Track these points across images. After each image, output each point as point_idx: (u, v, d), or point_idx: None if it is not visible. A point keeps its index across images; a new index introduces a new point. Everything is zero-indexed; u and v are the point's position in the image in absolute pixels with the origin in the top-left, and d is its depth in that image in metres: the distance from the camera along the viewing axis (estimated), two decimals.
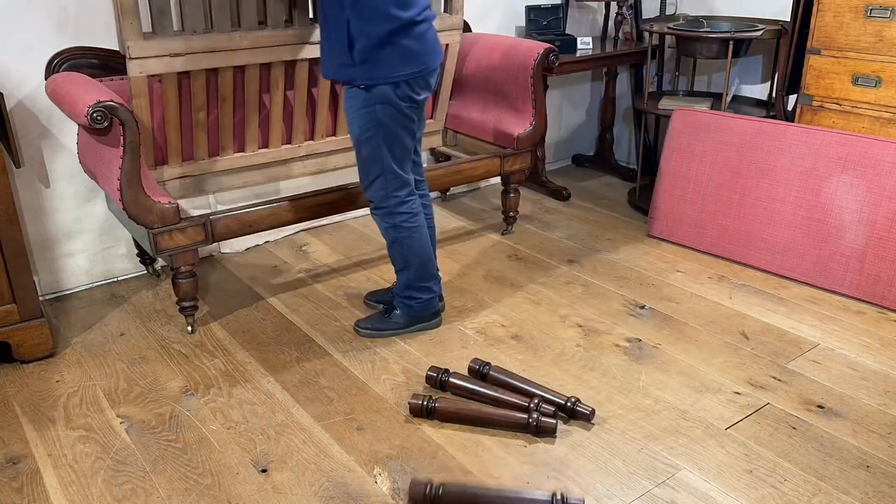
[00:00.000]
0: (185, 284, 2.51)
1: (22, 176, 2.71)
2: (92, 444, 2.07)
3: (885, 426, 2.09)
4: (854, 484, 1.88)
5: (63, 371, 2.42)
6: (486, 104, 3.27)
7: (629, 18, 3.94)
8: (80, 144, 2.60)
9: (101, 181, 2.46)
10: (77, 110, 2.16)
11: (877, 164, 2.70)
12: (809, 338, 2.53)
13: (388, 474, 1.93)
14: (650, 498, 1.84)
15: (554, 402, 2.14)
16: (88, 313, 2.78)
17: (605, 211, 3.67)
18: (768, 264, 2.97)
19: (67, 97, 2.27)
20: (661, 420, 2.13)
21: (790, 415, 2.14)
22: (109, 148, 2.28)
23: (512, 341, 2.53)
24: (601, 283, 2.93)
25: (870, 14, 2.73)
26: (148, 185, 2.35)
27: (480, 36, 3.33)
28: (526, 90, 3.07)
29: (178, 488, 1.90)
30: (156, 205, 2.33)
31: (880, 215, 2.68)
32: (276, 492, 1.88)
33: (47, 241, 2.82)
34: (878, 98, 2.78)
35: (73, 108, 2.21)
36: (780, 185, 2.91)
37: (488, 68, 3.19)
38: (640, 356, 2.44)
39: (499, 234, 3.38)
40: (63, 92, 2.32)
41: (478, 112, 3.29)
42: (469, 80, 3.31)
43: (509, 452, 2.01)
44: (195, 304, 2.58)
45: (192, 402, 2.24)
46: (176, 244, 2.42)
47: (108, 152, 2.30)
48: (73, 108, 2.20)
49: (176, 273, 2.48)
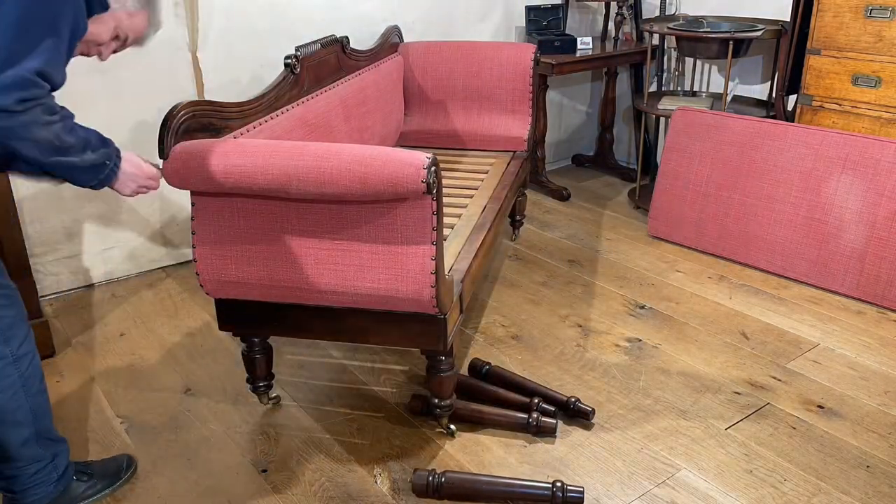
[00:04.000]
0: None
1: None
2: (92, 444, 2.07)
3: (885, 426, 2.09)
4: (854, 484, 1.88)
5: (63, 371, 2.42)
6: (467, 112, 3.15)
7: (629, 18, 3.95)
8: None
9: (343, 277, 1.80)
10: (394, 175, 1.57)
11: (877, 164, 2.70)
12: (809, 338, 2.53)
13: (388, 474, 1.93)
14: (650, 498, 1.84)
15: (554, 401, 2.14)
16: (88, 313, 2.78)
17: (605, 211, 3.67)
18: (768, 264, 2.97)
19: (346, 164, 1.60)
20: (661, 420, 2.13)
21: (790, 415, 2.14)
22: (392, 227, 1.72)
23: (512, 341, 2.53)
24: (601, 283, 2.93)
25: (870, 14, 2.73)
26: None
27: (425, 44, 3.18)
28: (524, 92, 3.05)
29: (178, 488, 1.90)
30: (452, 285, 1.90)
31: (880, 215, 2.68)
32: (276, 492, 1.88)
33: (47, 241, 2.82)
34: (878, 98, 2.78)
35: (376, 175, 1.58)
36: (780, 185, 2.91)
37: (465, 75, 3.10)
38: (640, 356, 2.44)
39: (506, 239, 3.35)
40: (312, 164, 1.62)
41: (460, 122, 3.16)
42: (431, 91, 3.16)
43: (509, 452, 2.01)
44: None
45: (192, 402, 2.24)
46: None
47: (394, 233, 1.72)
48: (380, 175, 1.58)
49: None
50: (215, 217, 1.81)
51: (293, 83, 2.31)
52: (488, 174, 2.85)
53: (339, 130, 2.53)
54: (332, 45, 2.59)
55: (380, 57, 3.01)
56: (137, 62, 2.82)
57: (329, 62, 2.57)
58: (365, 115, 2.74)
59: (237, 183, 1.65)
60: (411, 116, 3.24)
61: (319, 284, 1.79)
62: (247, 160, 1.64)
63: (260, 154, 1.65)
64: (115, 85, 2.80)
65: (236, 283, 1.86)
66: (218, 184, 1.67)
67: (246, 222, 1.80)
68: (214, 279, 1.86)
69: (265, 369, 2.13)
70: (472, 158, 3.06)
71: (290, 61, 2.29)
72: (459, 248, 2.22)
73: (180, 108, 1.79)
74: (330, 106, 2.48)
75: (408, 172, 1.58)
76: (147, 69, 2.85)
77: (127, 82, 2.82)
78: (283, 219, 1.77)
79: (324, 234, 1.76)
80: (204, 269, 1.86)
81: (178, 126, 1.77)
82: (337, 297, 1.82)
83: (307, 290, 1.82)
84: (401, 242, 1.72)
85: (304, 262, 1.79)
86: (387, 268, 1.74)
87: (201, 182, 1.69)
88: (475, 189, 2.69)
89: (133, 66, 2.82)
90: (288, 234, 1.78)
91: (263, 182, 1.63)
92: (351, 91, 2.65)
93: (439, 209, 1.69)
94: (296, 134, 2.23)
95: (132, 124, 2.87)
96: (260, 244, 1.80)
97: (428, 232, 1.70)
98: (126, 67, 2.80)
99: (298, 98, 2.34)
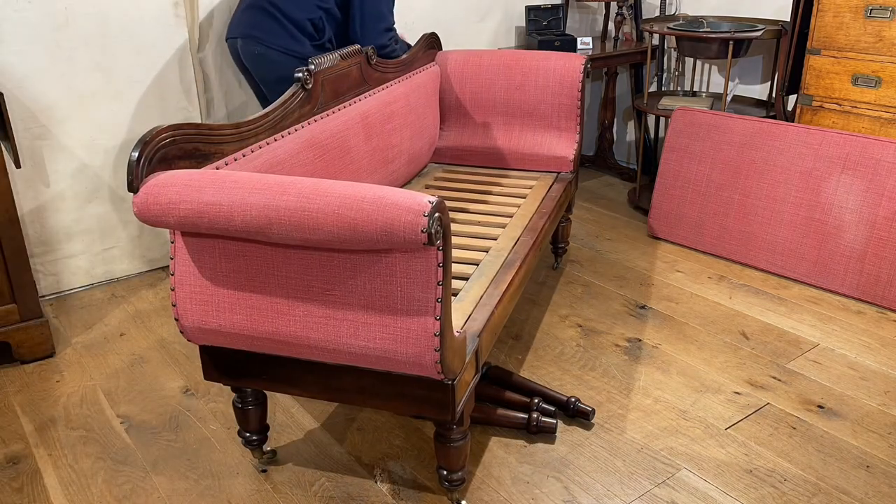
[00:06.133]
0: None
1: (22, 176, 2.71)
2: (92, 444, 2.07)
3: (885, 426, 2.09)
4: (854, 484, 1.88)
5: (63, 371, 2.42)
6: (508, 128, 2.91)
7: (629, 18, 3.95)
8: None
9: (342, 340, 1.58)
10: (390, 223, 1.34)
11: (877, 164, 2.70)
12: (809, 338, 2.53)
13: (388, 474, 1.93)
14: (650, 498, 1.84)
15: (554, 401, 2.14)
16: (88, 313, 2.78)
17: (605, 211, 3.67)
18: (768, 264, 2.97)
19: (337, 206, 1.38)
20: (661, 420, 2.13)
21: (790, 415, 2.14)
22: (392, 277, 1.49)
23: (512, 341, 2.53)
24: (601, 283, 2.93)
25: (870, 14, 2.73)
26: None
27: (465, 53, 2.96)
28: (571, 107, 2.80)
29: (178, 488, 1.90)
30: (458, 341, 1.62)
31: (880, 215, 2.68)
32: (276, 492, 1.88)
33: (47, 241, 2.82)
34: (878, 98, 2.78)
35: (368, 222, 1.35)
36: (780, 185, 2.92)
37: (506, 87, 2.87)
38: (639, 356, 2.44)
39: (548, 269, 3.05)
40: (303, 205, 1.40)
41: (500, 138, 2.92)
42: (469, 104, 2.94)
43: (509, 452, 2.01)
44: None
45: (192, 402, 2.24)
46: (466, 384, 1.71)
47: (393, 285, 1.49)
48: (373, 222, 1.35)
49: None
50: (196, 257, 1.60)
51: (304, 100, 2.06)
52: (526, 199, 2.60)
53: (356, 151, 2.28)
54: (355, 57, 2.35)
55: (413, 67, 2.79)
56: (138, 62, 2.83)
57: (350, 75, 2.33)
58: (391, 133, 2.51)
59: (212, 223, 1.43)
60: (447, 131, 3.00)
61: (309, 339, 1.57)
62: (223, 197, 1.41)
63: (238, 190, 1.41)
64: (115, 85, 2.80)
65: (218, 331, 1.64)
66: (192, 224, 1.44)
67: (228, 265, 1.58)
68: (194, 326, 1.66)
69: (258, 422, 1.89)
70: (511, 179, 2.80)
71: (300, 75, 2.04)
72: (482, 292, 1.95)
73: (158, 133, 1.54)
74: (348, 124, 2.23)
75: (405, 220, 1.32)
76: (147, 69, 2.85)
77: (127, 82, 2.82)
78: (269, 264, 1.55)
79: (313, 282, 1.53)
80: (183, 315, 1.65)
81: (152, 154, 1.52)
82: (329, 355, 1.59)
83: (296, 344, 1.60)
84: (400, 298, 1.48)
85: (291, 314, 1.57)
86: (384, 326, 1.50)
87: (175, 222, 1.45)
88: (509, 217, 2.44)
89: (133, 67, 2.82)
90: (274, 281, 1.56)
91: (240, 223, 1.40)
92: (375, 106, 2.41)
93: (446, 260, 1.45)
94: (302, 156, 1.99)
95: (132, 125, 2.87)
96: (244, 290, 1.58)
97: (432, 287, 1.45)
98: (127, 67, 2.81)
99: (310, 116, 2.10)
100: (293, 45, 2.61)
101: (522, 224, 2.40)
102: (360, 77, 2.41)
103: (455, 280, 2.03)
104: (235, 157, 1.77)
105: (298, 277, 1.54)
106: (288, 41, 2.60)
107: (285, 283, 1.56)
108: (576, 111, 2.83)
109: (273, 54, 2.60)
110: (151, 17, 2.81)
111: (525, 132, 2.91)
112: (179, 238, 1.61)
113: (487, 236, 2.32)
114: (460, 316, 1.84)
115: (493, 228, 2.37)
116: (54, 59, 2.65)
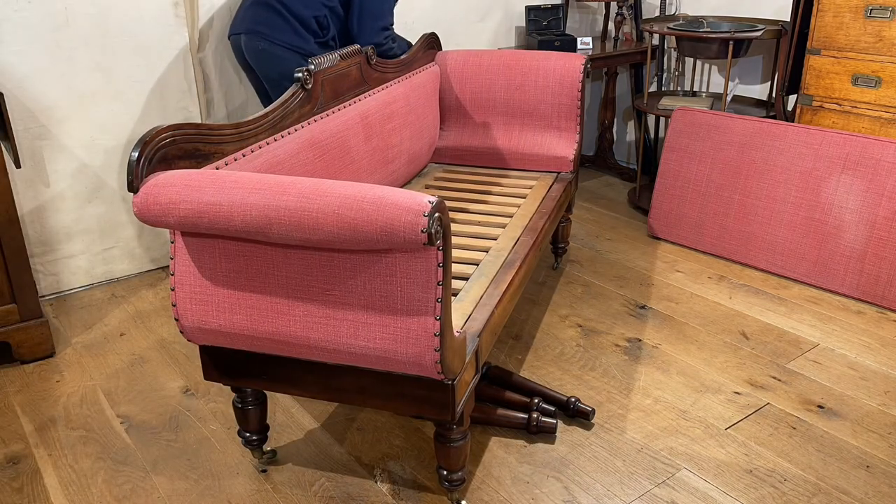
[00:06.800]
0: None
1: (22, 176, 2.71)
2: (92, 444, 2.07)
3: (885, 426, 2.09)
4: (854, 484, 1.88)
5: (63, 371, 2.42)
6: (508, 128, 2.92)
7: (629, 18, 3.95)
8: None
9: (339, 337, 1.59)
10: (390, 223, 1.34)
11: (877, 164, 2.70)
12: (809, 338, 2.53)
13: (388, 474, 1.93)
14: (650, 498, 1.84)
15: (554, 401, 2.15)
16: (88, 313, 2.78)
17: (605, 211, 3.67)
18: (768, 264, 2.97)
19: (337, 204, 1.38)
20: (661, 420, 2.13)
21: (790, 415, 2.14)
22: (393, 279, 1.49)
23: (512, 341, 2.53)
24: (601, 283, 2.93)
25: (870, 14, 2.73)
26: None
27: (464, 53, 2.96)
28: (571, 107, 2.81)
29: (178, 488, 1.90)
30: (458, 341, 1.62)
31: (880, 215, 2.68)
32: (276, 492, 1.88)
33: (47, 241, 2.82)
34: (878, 98, 2.78)
35: (368, 222, 1.35)
36: (780, 185, 2.92)
37: (506, 87, 2.87)
38: (639, 356, 2.44)
39: (548, 269, 3.05)
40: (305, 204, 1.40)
41: (500, 138, 2.92)
42: (469, 104, 2.94)
43: (509, 452, 2.01)
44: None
45: (192, 402, 2.24)
46: (466, 383, 1.71)
47: (394, 287, 1.50)
48: (373, 222, 1.35)
49: None
50: (195, 257, 1.60)
51: (304, 100, 2.07)
52: (526, 199, 2.61)
53: (356, 151, 2.29)
54: (355, 57, 2.36)
55: (412, 67, 2.79)
56: (138, 62, 2.83)
57: (350, 75, 2.34)
58: (391, 133, 2.52)
59: (212, 223, 1.43)
60: (447, 131, 3.01)
61: (309, 339, 1.58)
62: (223, 197, 1.42)
63: (238, 190, 1.42)
64: (115, 85, 2.80)
65: (218, 332, 1.65)
66: (192, 224, 1.45)
67: (228, 265, 1.58)
68: (194, 326, 1.66)
69: (258, 422, 1.90)
70: (511, 179, 2.81)
71: (300, 75, 2.05)
72: (482, 292, 1.96)
73: (158, 133, 1.55)
74: (348, 124, 2.24)
75: (405, 220, 1.33)
76: (147, 69, 2.85)
77: (127, 82, 2.82)
78: (268, 264, 1.55)
79: (313, 282, 1.53)
80: (183, 315, 1.65)
81: (152, 154, 1.53)
82: (329, 355, 1.60)
83: (296, 344, 1.60)
84: (400, 298, 1.49)
85: (291, 314, 1.57)
86: (384, 326, 1.51)
87: (175, 222, 1.46)
88: (509, 217, 2.45)
89: (133, 67, 2.82)
90: (274, 281, 1.56)
91: (240, 223, 1.41)
92: (375, 106, 2.42)
93: (446, 260, 1.45)
94: (302, 156, 2.00)
95: (133, 125, 2.87)
96: (244, 290, 1.59)
97: (432, 287, 1.46)
98: (127, 67, 2.81)
99: (310, 116, 2.11)
100: (297, 42, 2.62)
101: (522, 224, 2.40)
102: (359, 77, 2.41)
103: (455, 280, 2.03)
104: (235, 157, 1.77)
105: (298, 277, 1.54)
106: (292, 37, 2.62)
107: (285, 283, 1.56)
108: (576, 111, 2.84)
109: (277, 50, 2.61)
110: (151, 17, 2.81)
111: (525, 132, 2.92)
112: (179, 238, 1.61)
113: (487, 236, 2.32)
114: (460, 316, 1.84)
115: (493, 228, 2.37)
116: (54, 59, 2.65)
